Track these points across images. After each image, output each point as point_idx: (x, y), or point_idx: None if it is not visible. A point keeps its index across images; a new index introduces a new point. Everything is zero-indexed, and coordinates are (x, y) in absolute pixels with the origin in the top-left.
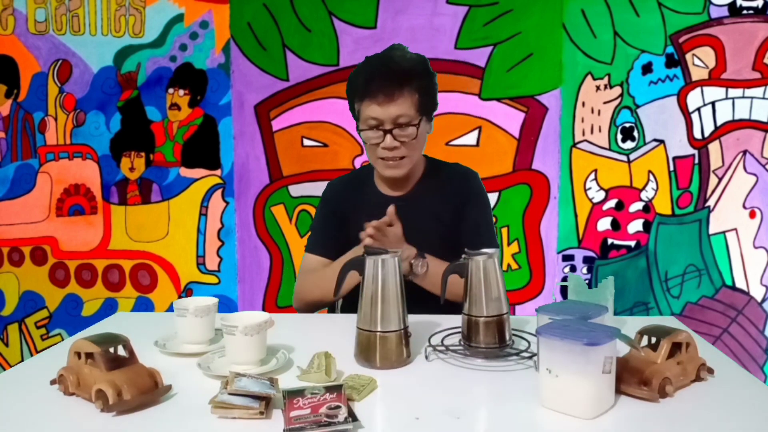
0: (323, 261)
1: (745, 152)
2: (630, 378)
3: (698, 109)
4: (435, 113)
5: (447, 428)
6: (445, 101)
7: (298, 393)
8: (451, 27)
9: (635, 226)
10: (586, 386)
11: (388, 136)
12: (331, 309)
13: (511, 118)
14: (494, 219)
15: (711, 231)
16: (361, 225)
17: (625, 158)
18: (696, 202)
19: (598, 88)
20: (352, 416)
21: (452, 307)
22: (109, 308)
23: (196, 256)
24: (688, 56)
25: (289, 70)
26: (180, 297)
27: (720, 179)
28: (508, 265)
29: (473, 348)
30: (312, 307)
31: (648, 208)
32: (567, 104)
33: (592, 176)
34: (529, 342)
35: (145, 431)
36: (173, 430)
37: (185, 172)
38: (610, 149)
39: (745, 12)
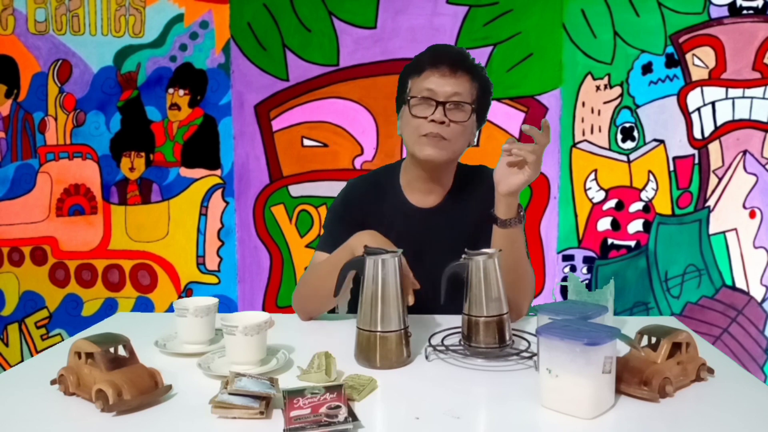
0: None
1: (745, 152)
2: (630, 378)
3: (698, 109)
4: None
5: (447, 428)
6: None
7: (298, 393)
8: (451, 27)
9: (635, 226)
10: (586, 386)
11: (440, 108)
12: (332, 309)
13: (511, 118)
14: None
15: (711, 231)
16: (381, 232)
17: (625, 158)
18: (696, 202)
19: (598, 88)
20: (352, 416)
21: (452, 307)
22: (109, 308)
23: (196, 256)
24: (688, 56)
25: (289, 70)
26: (180, 297)
27: (720, 179)
28: None
29: (473, 348)
30: (307, 304)
31: (648, 208)
32: (567, 104)
33: (592, 176)
34: (529, 342)
35: (145, 431)
36: (173, 430)
37: (185, 172)
38: (610, 149)
39: (745, 12)
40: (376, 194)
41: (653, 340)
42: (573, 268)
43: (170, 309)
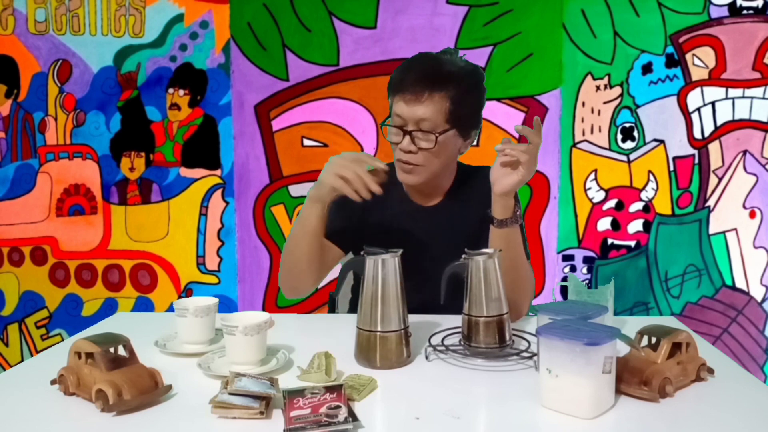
0: (326, 244)
1: (745, 152)
2: (630, 378)
3: (698, 109)
4: (477, 131)
5: (447, 428)
6: None
7: (298, 393)
8: (451, 27)
9: (635, 226)
10: (586, 386)
11: (407, 138)
12: (332, 309)
13: (511, 118)
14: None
15: (711, 231)
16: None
17: (625, 158)
18: (696, 202)
19: (598, 88)
20: (352, 416)
21: (452, 307)
22: (109, 308)
23: (196, 256)
24: (688, 56)
25: (289, 70)
26: (180, 297)
27: (720, 179)
28: None
29: (473, 348)
30: (289, 278)
31: (648, 208)
32: (567, 104)
33: (592, 176)
34: (529, 342)
35: (145, 431)
36: (173, 430)
37: (185, 172)
38: (610, 149)
39: (745, 12)
40: (384, 188)
41: (653, 340)
42: (573, 268)
43: (170, 309)
